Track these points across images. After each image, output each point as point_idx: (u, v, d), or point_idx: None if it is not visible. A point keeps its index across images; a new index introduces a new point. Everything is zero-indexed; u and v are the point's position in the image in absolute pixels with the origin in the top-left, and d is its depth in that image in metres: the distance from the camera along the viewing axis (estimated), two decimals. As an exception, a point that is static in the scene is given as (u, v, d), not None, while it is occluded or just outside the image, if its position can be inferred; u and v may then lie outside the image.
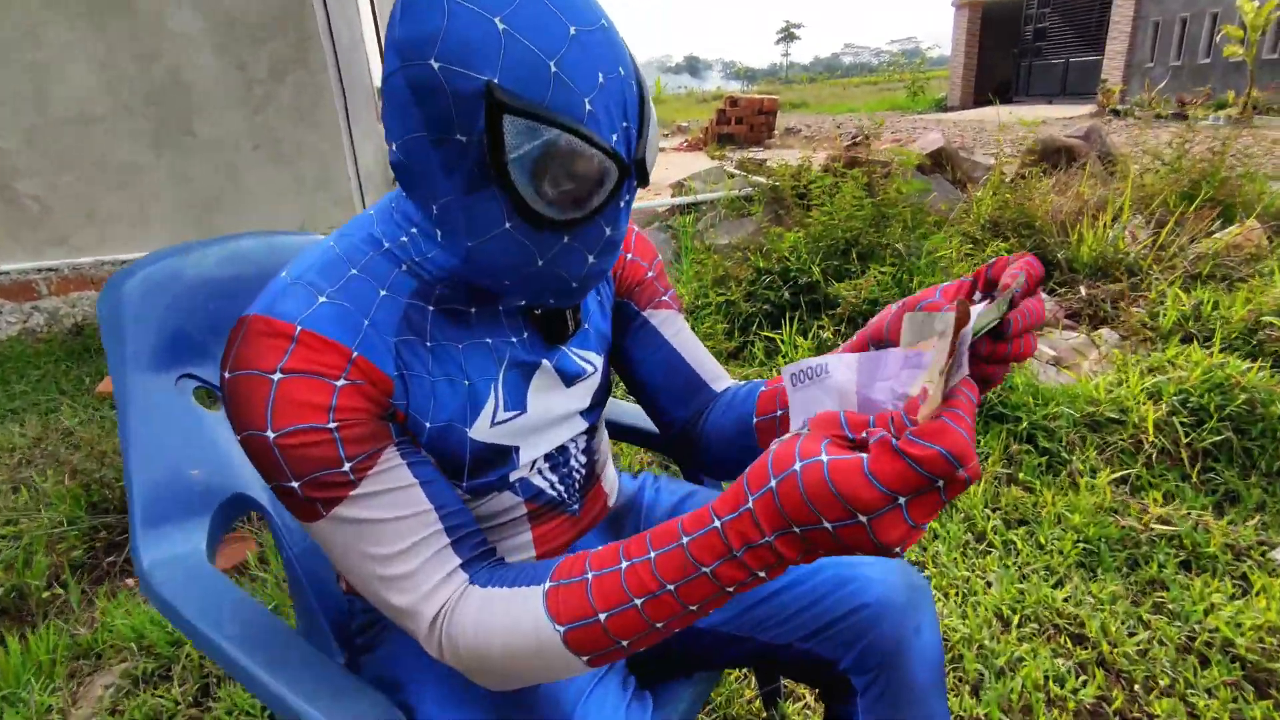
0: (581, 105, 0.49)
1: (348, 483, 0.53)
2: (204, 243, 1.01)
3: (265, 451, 0.52)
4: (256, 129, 3.22)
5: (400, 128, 0.53)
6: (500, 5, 0.48)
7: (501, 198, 0.52)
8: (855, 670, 0.70)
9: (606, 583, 0.50)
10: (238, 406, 0.53)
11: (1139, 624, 1.30)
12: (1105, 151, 3.94)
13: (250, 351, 0.53)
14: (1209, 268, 2.35)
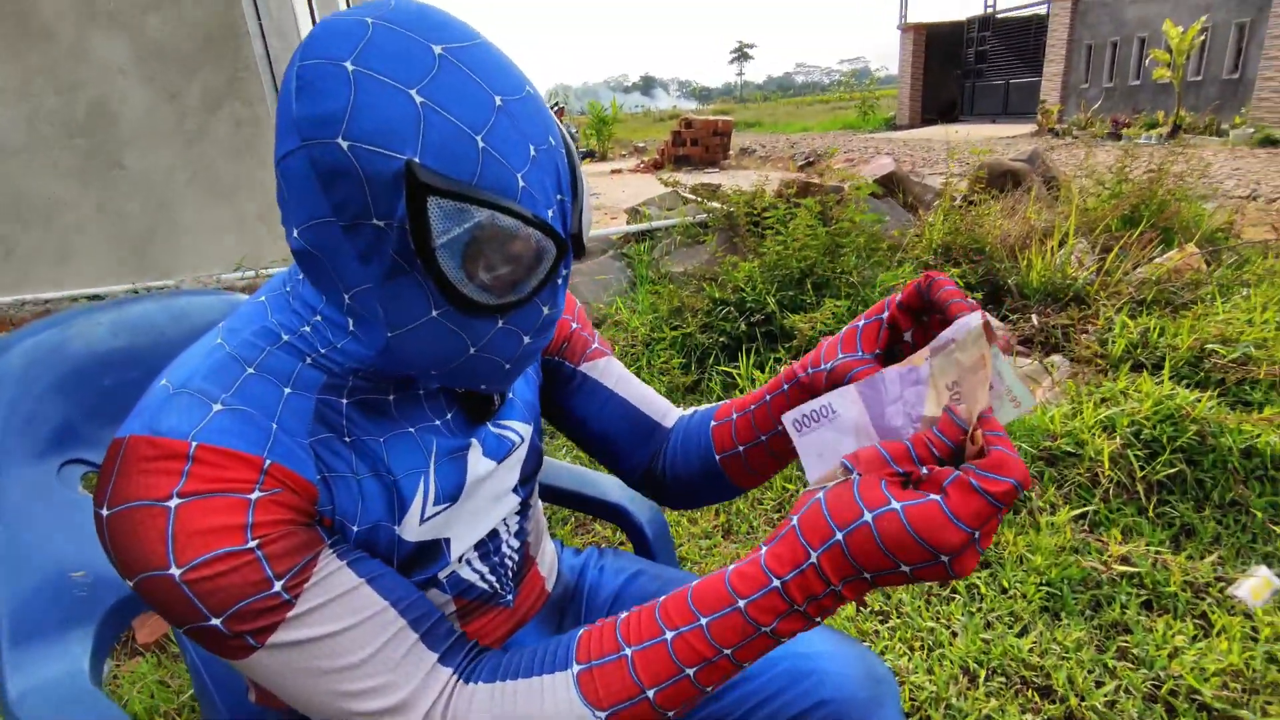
0: (515, 181, 0.44)
1: (282, 604, 0.45)
2: (91, 310, 0.91)
3: (170, 592, 0.44)
4: (191, 161, 3.09)
5: (302, 212, 0.47)
6: (414, 77, 0.42)
7: (427, 285, 0.46)
8: None
9: (651, 656, 0.47)
10: (124, 548, 0.44)
11: (1105, 672, 1.27)
12: (1048, 175, 4.04)
13: (133, 482, 0.45)
14: (1152, 293, 2.39)
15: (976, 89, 16.97)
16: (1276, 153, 8.16)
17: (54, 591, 0.79)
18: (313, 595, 0.46)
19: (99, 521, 0.46)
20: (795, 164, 10.03)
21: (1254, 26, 10.01)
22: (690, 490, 0.73)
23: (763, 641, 0.45)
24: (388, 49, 0.43)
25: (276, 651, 0.46)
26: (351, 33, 0.43)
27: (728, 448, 0.68)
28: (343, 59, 0.43)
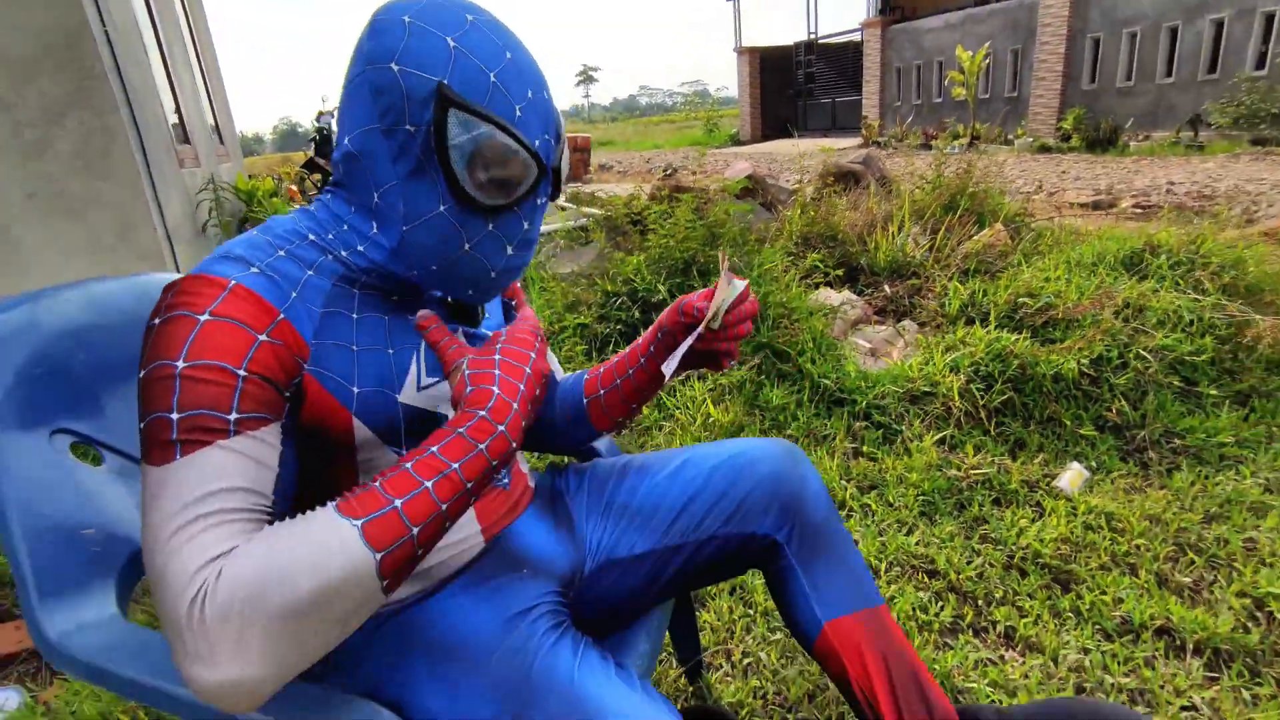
0: (513, 111, 0.62)
1: (224, 431, 0.54)
2: (55, 289, 0.94)
3: (163, 381, 0.54)
4: (30, 177, 2.83)
5: (354, 122, 0.63)
6: (452, 28, 0.60)
7: (439, 181, 0.62)
8: (774, 529, 0.87)
9: (397, 479, 0.55)
10: (155, 344, 0.56)
11: (972, 552, 1.56)
12: (881, 175, 4.60)
13: (181, 299, 0.57)
14: (974, 264, 2.85)
15: (808, 107, 18.49)
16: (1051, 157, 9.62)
17: (69, 548, 0.82)
18: (244, 443, 0.55)
19: (148, 330, 0.57)
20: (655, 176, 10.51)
21: (1025, 52, 11.77)
22: (563, 436, 0.96)
23: (480, 459, 0.58)
24: (435, 11, 0.61)
25: (182, 468, 0.52)
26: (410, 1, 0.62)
27: (594, 392, 0.92)
28: (404, 14, 0.61)
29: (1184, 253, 2.44)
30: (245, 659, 0.47)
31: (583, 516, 0.91)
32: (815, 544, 0.88)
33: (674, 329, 0.85)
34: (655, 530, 0.88)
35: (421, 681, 0.67)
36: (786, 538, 0.87)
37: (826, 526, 0.89)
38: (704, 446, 0.94)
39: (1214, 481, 1.74)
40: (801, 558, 0.88)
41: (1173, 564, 1.49)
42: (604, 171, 11.87)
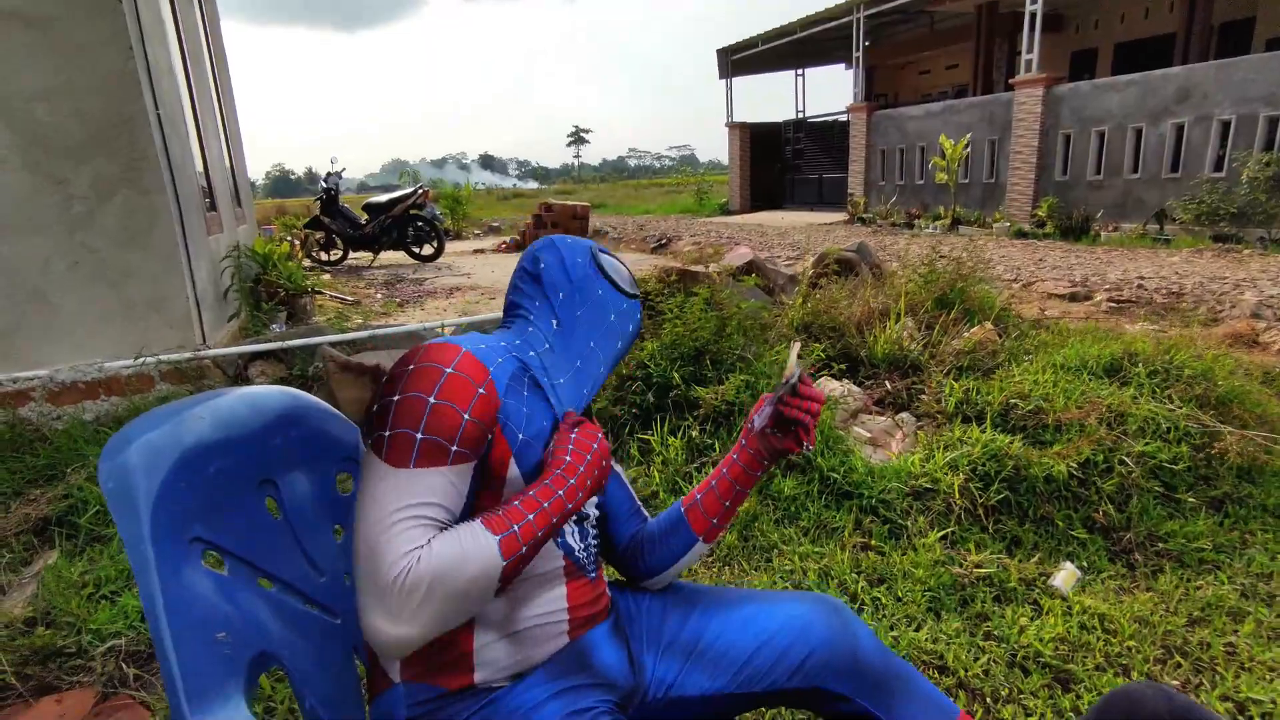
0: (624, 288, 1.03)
1: (445, 458, 0.81)
2: (187, 404, 1.06)
3: (417, 407, 0.80)
4: (74, 249, 2.97)
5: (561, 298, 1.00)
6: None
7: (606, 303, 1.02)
8: (841, 685, 0.99)
9: (512, 511, 0.82)
10: (411, 380, 0.82)
11: (978, 650, 1.69)
12: (873, 263, 4.87)
13: (431, 355, 0.85)
14: (967, 361, 3.05)
15: (796, 181, 19.22)
16: (1028, 243, 10.10)
17: (210, 651, 0.92)
18: (452, 474, 0.82)
19: (400, 374, 0.84)
20: (649, 245, 10.85)
21: (1001, 143, 12.46)
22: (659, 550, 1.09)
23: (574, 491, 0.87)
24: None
25: (407, 476, 0.79)
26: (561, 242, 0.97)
27: (690, 500, 1.10)
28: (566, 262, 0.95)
29: (1159, 362, 2.65)
30: (418, 622, 0.74)
31: (642, 644, 1.02)
32: (886, 688, 0.99)
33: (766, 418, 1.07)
34: (724, 674, 0.99)
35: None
36: (855, 691, 0.98)
37: (888, 671, 1.01)
38: (762, 595, 1.07)
39: (1195, 585, 1.88)
40: (878, 704, 0.99)
41: (1161, 666, 1.62)
42: (599, 237, 12.21)
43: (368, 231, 9.27)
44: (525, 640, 0.89)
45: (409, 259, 9.85)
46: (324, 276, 8.31)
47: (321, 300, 6.12)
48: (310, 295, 5.40)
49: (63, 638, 1.81)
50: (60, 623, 1.87)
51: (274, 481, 1.16)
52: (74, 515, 2.41)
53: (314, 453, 1.23)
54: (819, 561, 2.03)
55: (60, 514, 2.43)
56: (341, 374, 3.36)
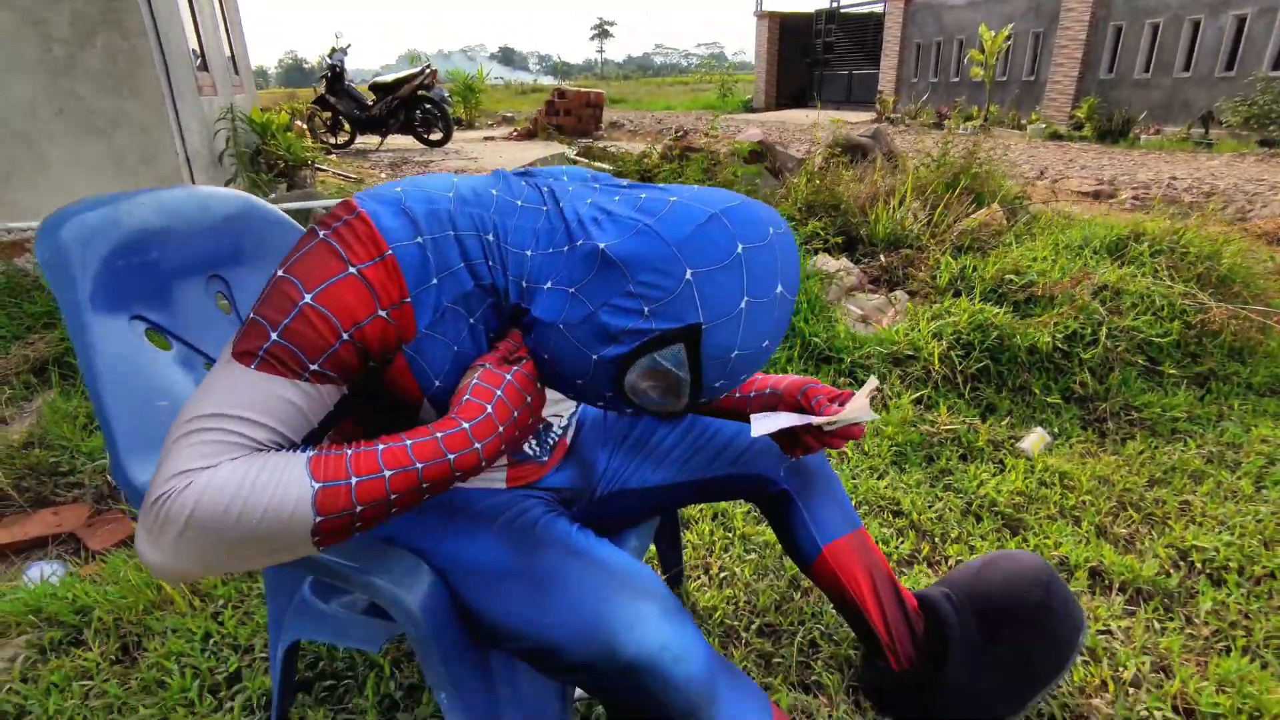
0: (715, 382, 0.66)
1: (298, 375, 0.62)
2: (130, 194, 1.05)
3: (285, 301, 0.61)
4: (60, 94, 2.90)
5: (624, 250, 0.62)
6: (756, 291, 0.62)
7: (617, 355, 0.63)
8: (776, 472, 1.04)
9: (365, 458, 0.61)
10: (303, 262, 0.63)
11: (936, 499, 1.72)
12: (889, 149, 4.67)
13: (343, 238, 0.64)
14: (969, 240, 2.96)
15: (824, 78, 18.28)
16: (1061, 145, 9.63)
17: (146, 415, 0.95)
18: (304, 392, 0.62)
19: (309, 236, 0.64)
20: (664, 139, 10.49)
21: (1046, 36, 11.66)
22: None
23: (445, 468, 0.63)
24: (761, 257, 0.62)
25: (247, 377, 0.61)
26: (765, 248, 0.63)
27: None
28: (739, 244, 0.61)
29: (1166, 242, 2.55)
30: (179, 555, 0.58)
31: (597, 443, 1.04)
32: (812, 482, 1.06)
33: (785, 400, 0.93)
34: (670, 467, 1.03)
35: (438, 532, 0.80)
36: (786, 478, 1.05)
37: (822, 469, 1.08)
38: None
39: (1162, 451, 1.89)
40: (800, 494, 1.06)
41: (1113, 518, 1.64)
42: (614, 129, 11.80)
43: (375, 113, 9.02)
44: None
45: (417, 144, 9.62)
46: (330, 157, 8.16)
47: (324, 177, 6.03)
48: (311, 169, 5.32)
49: (56, 458, 1.90)
50: (55, 446, 1.95)
51: (223, 278, 1.16)
52: (69, 357, 2.47)
53: (268, 255, 1.23)
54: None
55: (57, 355, 2.49)
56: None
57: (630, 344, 0.62)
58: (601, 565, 0.76)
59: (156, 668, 1.23)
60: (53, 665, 1.24)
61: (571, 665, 0.72)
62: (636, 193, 0.68)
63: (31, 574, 1.50)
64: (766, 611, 1.36)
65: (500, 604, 0.74)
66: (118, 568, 1.49)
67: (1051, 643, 1.04)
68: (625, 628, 0.70)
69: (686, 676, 0.71)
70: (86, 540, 1.67)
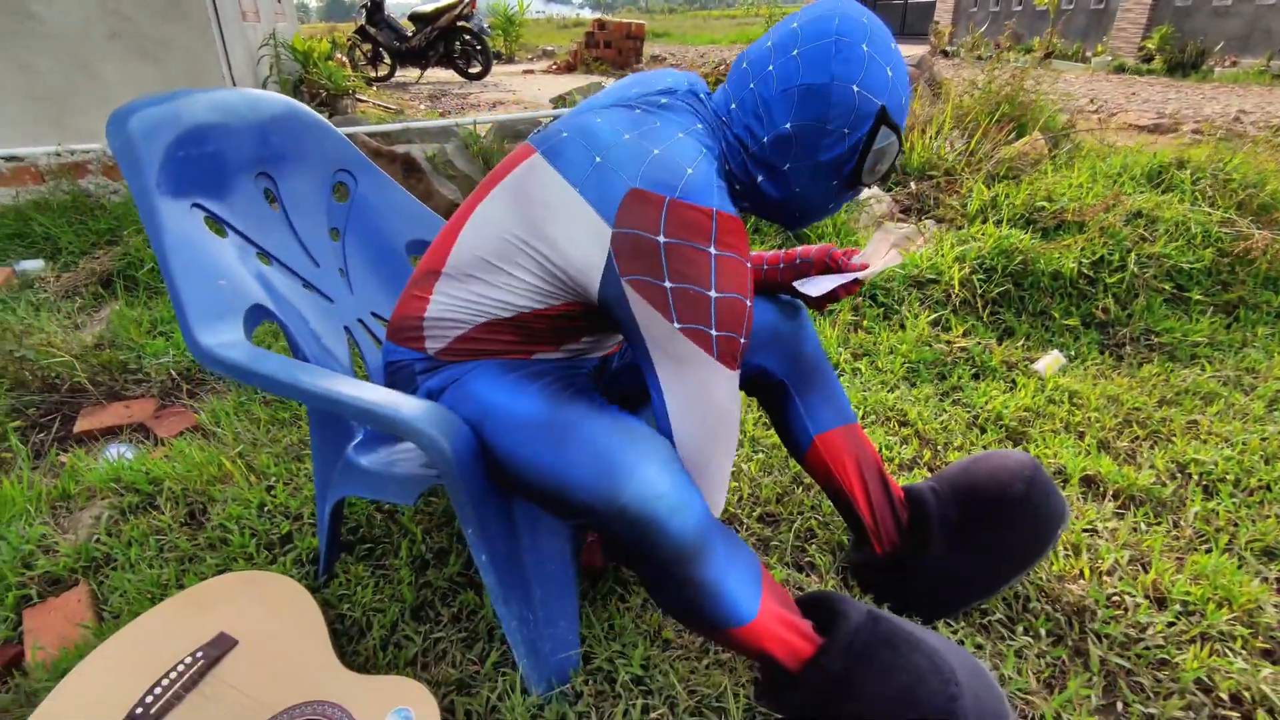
0: (905, 120, 0.86)
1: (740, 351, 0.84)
2: (188, 91, 1.14)
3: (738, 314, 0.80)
4: (112, 18, 3.00)
5: (806, 115, 0.83)
6: (889, 61, 0.83)
7: (846, 169, 0.86)
8: (775, 364, 1.13)
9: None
10: (724, 273, 0.78)
11: (943, 411, 1.78)
12: (932, 78, 4.52)
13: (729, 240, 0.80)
14: (1005, 169, 2.91)
15: (878, 7, 17.41)
16: (1125, 78, 9.11)
17: (209, 289, 1.06)
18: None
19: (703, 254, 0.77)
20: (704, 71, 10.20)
21: (1120, -41, 10.87)
22: None
23: None
24: (881, 45, 0.83)
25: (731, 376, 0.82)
26: (863, 28, 0.82)
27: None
28: (863, 43, 0.81)
29: (1210, 169, 2.48)
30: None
31: None
32: (808, 377, 1.14)
33: (816, 265, 1.10)
34: None
35: (484, 376, 0.91)
36: (785, 372, 1.13)
37: (818, 364, 1.15)
38: None
39: (1177, 374, 1.90)
40: (797, 388, 1.14)
41: (1116, 434, 1.68)
42: (655, 62, 11.52)
43: (414, 45, 8.96)
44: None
45: (456, 77, 9.57)
46: (370, 89, 8.20)
47: (364, 107, 6.09)
48: (351, 97, 5.38)
49: (125, 357, 2.07)
50: (123, 347, 2.13)
51: (270, 176, 1.26)
52: (132, 270, 2.64)
53: (310, 158, 1.33)
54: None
55: (120, 269, 2.67)
56: (374, 159, 3.43)
57: (853, 159, 0.85)
58: (618, 423, 0.85)
59: (219, 528, 1.39)
60: (131, 524, 1.41)
61: (578, 506, 0.82)
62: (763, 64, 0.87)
63: (109, 453, 1.68)
64: (768, 502, 1.46)
65: (527, 449, 0.85)
66: (183, 449, 1.66)
67: (1030, 532, 1.11)
68: (627, 474, 0.79)
69: (680, 527, 0.80)
70: (155, 429, 1.85)
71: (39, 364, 1.93)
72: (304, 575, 1.28)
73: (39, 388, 1.92)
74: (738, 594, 0.83)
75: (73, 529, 1.43)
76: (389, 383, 1.05)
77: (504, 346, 0.94)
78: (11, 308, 2.43)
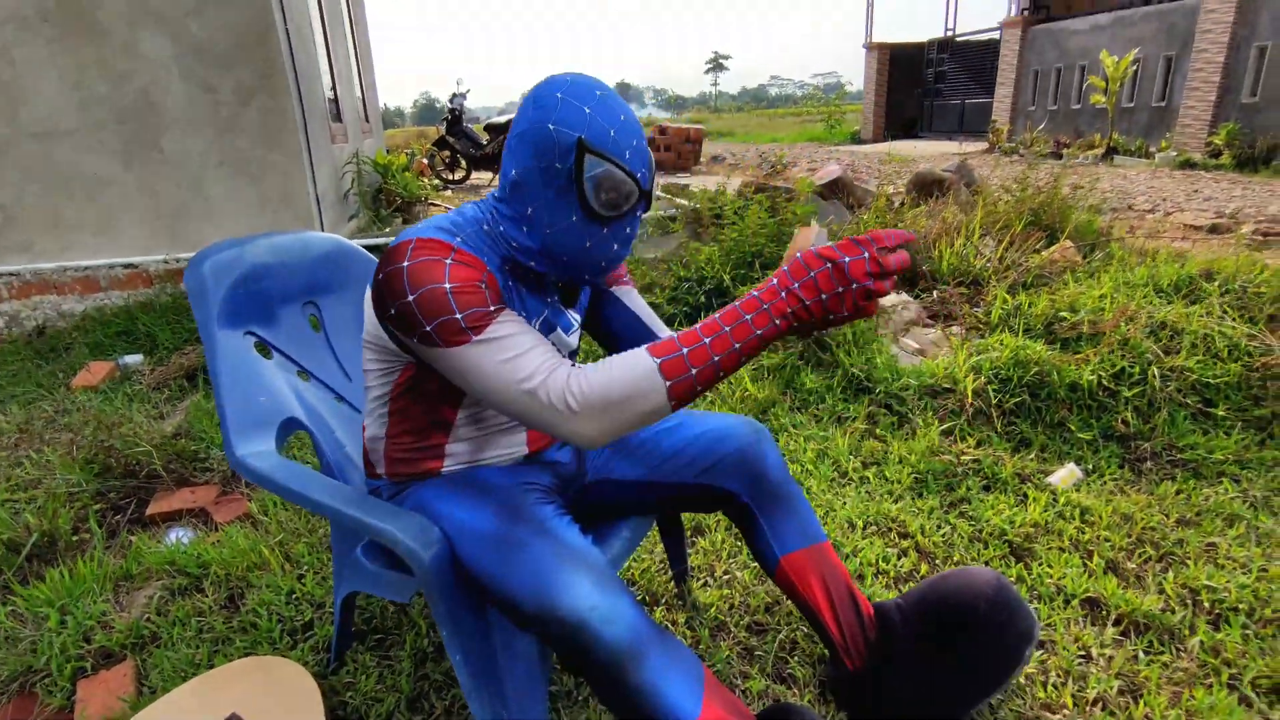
0: (625, 153, 0.94)
1: (490, 314, 0.89)
2: (253, 237, 1.37)
3: (439, 298, 0.86)
4: (223, 148, 3.49)
5: (523, 160, 0.94)
6: (586, 100, 0.92)
7: (575, 201, 0.92)
8: (740, 489, 1.19)
9: (688, 334, 0.88)
10: (416, 278, 0.86)
11: (946, 524, 1.79)
12: (970, 182, 4.63)
13: (425, 250, 0.89)
14: (1032, 278, 2.95)
15: (935, 107, 17.82)
16: (1190, 174, 8.97)
17: (252, 406, 1.24)
18: (504, 318, 0.90)
19: (396, 273, 0.87)
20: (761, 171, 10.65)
21: (1178, 60, 10.91)
22: None
23: (746, 327, 0.86)
24: (577, 89, 0.94)
25: (478, 345, 0.87)
26: (561, 80, 0.95)
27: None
28: (557, 91, 0.93)
29: (1238, 281, 2.46)
30: (598, 426, 0.86)
31: None
32: (773, 500, 1.21)
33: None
34: (647, 465, 1.21)
35: (443, 494, 1.04)
36: (750, 496, 1.20)
37: (781, 488, 1.21)
38: (698, 414, 1.26)
39: (1200, 493, 1.86)
40: (762, 510, 1.21)
41: (1127, 555, 1.65)
42: (715, 164, 12.09)
43: (489, 151, 9.76)
44: (487, 450, 1.13)
45: (526, 180, 10.27)
46: (445, 192, 8.91)
47: (436, 209, 6.65)
48: (424, 204, 5.90)
49: (196, 447, 2.31)
50: (196, 437, 2.38)
51: (316, 304, 1.47)
52: (216, 365, 2.96)
53: (352, 285, 1.54)
54: (821, 444, 2.16)
55: (203, 365, 3.00)
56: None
57: (573, 189, 0.92)
58: (559, 541, 0.95)
59: (252, 613, 1.54)
60: (178, 605, 1.58)
61: (526, 618, 0.92)
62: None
63: (170, 538, 1.88)
64: (756, 611, 1.50)
65: (484, 562, 0.96)
66: (233, 534, 1.84)
67: (995, 651, 1.13)
68: (563, 588, 0.89)
69: (613, 635, 0.89)
70: (214, 514, 2.05)
71: (124, 452, 2.18)
72: (318, 661, 1.40)
73: (121, 473, 2.16)
74: (677, 696, 0.90)
75: (129, 607, 1.60)
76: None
77: (414, 449, 1.08)
78: (110, 399, 2.75)
